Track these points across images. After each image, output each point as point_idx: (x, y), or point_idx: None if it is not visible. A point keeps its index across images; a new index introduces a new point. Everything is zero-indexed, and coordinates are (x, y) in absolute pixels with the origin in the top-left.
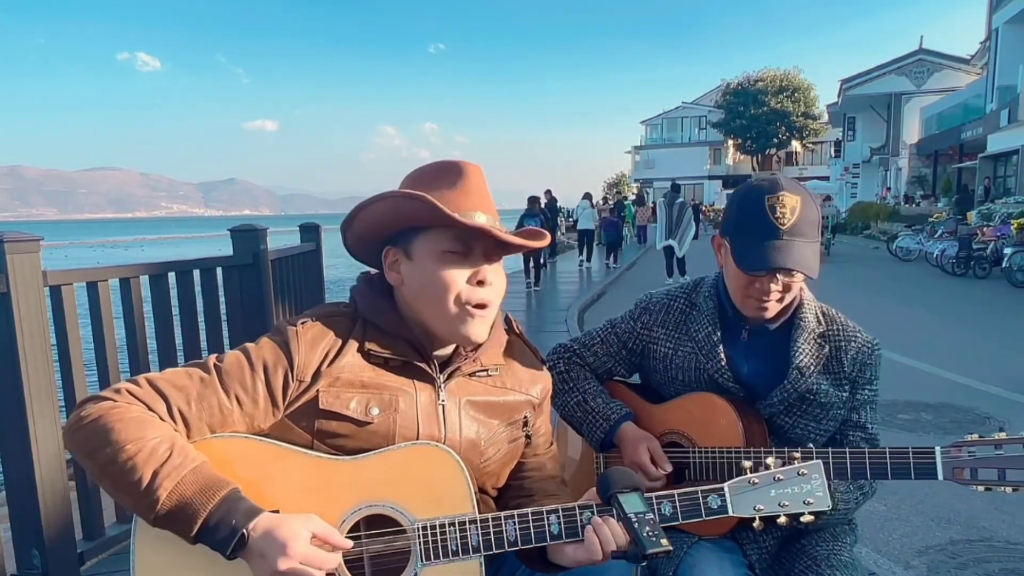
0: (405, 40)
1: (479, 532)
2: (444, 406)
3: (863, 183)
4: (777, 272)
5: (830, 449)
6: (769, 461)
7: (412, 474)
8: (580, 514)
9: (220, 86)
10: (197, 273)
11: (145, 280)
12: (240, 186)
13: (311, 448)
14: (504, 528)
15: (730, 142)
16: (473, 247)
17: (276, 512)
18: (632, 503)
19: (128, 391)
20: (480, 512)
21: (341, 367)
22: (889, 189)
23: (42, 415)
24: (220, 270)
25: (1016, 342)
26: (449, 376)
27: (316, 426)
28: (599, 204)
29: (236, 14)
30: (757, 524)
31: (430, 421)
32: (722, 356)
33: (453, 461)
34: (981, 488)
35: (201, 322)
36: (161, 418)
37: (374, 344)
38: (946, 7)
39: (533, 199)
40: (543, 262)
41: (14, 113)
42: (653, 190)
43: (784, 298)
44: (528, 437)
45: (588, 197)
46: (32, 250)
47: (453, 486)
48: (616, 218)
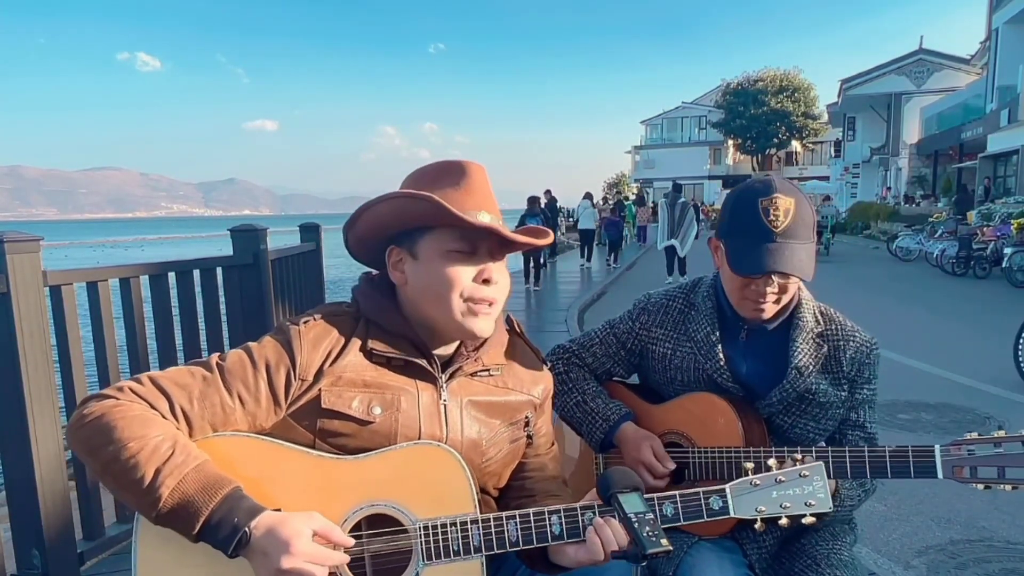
0: (405, 40)
1: (480, 532)
2: (446, 406)
3: (863, 183)
4: (771, 275)
5: (830, 448)
6: (771, 462)
7: (414, 474)
8: (582, 515)
9: (220, 86)
10: (197, 273)
11: (145, 280)
12: (240, 186)
13: (313, 447)
14: (506, 528)
15: (730, 142)
16: (479, 246)
17: (278, 511)
18: (632, 503)
19: (131, 389)
20: (481, 512)
21: (343, 366)
22: (889, 189)
23: (42, 415)
24: (220, 270)
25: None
26: (451, 376)
27: (318, 425)
28: (599, 204)
29: (236, 14)
30: (758, 525)
31: (432, 421)
32: (721, 356)
33: (455, 461)
34: (981, 486)
35: (201, 322)
36: (163, 416)
37: (376, 343)
38: (946, 7)
39: (533, 199)
40: (543, 262)
41: (14, 113)
42: (653, 190)
43: (780, 299)
44: (530, 437)
45: (589, 197)
46: (32, 250)
47: (455, 486)
48: (618, 217)
